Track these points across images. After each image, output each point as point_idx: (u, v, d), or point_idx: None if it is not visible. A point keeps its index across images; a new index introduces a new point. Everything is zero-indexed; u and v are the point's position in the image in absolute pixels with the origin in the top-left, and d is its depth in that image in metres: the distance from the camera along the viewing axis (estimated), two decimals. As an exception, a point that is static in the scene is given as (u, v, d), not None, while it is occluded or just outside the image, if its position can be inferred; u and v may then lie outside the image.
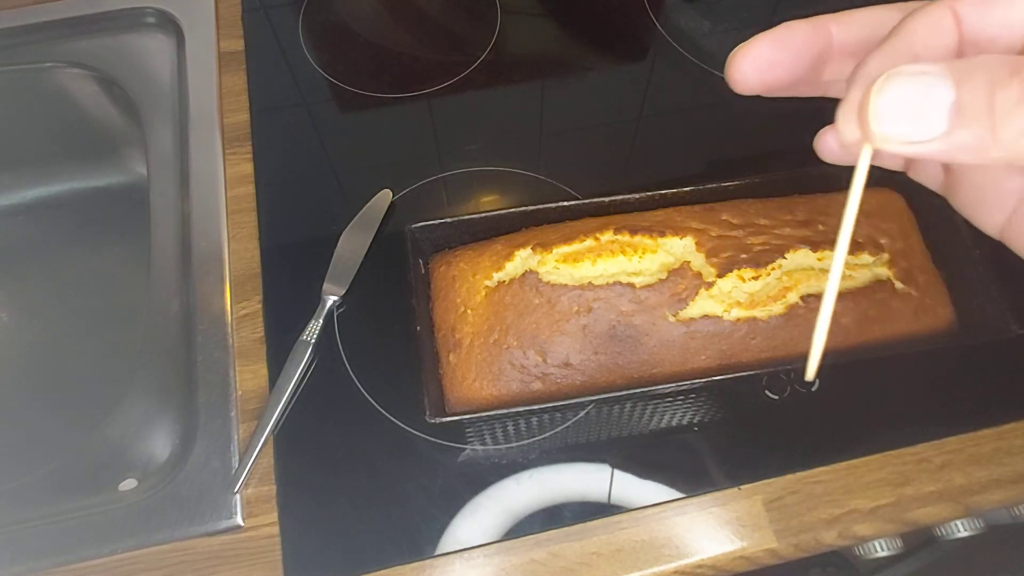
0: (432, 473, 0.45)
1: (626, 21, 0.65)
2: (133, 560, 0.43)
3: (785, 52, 0.21)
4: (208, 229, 0.54)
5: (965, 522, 0.48)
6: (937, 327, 0.45)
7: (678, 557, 0.44)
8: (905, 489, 0.45)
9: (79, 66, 0.63)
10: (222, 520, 0.44)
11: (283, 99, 0.60)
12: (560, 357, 0.43)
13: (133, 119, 0.62)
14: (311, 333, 0.48)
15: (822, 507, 0.45)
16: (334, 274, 0.51)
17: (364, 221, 0.53)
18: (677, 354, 0.43)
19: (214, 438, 0.46)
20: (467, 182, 0.56)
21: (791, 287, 0.43)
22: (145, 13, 0.64)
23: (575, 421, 0.47)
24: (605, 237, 0.44)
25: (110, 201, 0.71)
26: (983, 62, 0.17)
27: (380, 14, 0.66)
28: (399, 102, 0.60)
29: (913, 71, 0.17)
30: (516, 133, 0.59)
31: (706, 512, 0.45)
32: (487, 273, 0.45)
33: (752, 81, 0.21)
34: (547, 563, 0.43)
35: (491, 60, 0.62)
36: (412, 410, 0.47)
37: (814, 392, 0.47)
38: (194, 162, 0.57)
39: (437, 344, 0.45)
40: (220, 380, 0.48)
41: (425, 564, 0.43)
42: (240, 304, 0.51)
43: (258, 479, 0.46)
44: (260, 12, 0.65)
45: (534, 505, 0.45)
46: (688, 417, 0.47)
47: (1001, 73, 0.17)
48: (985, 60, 0.17)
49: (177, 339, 0.51)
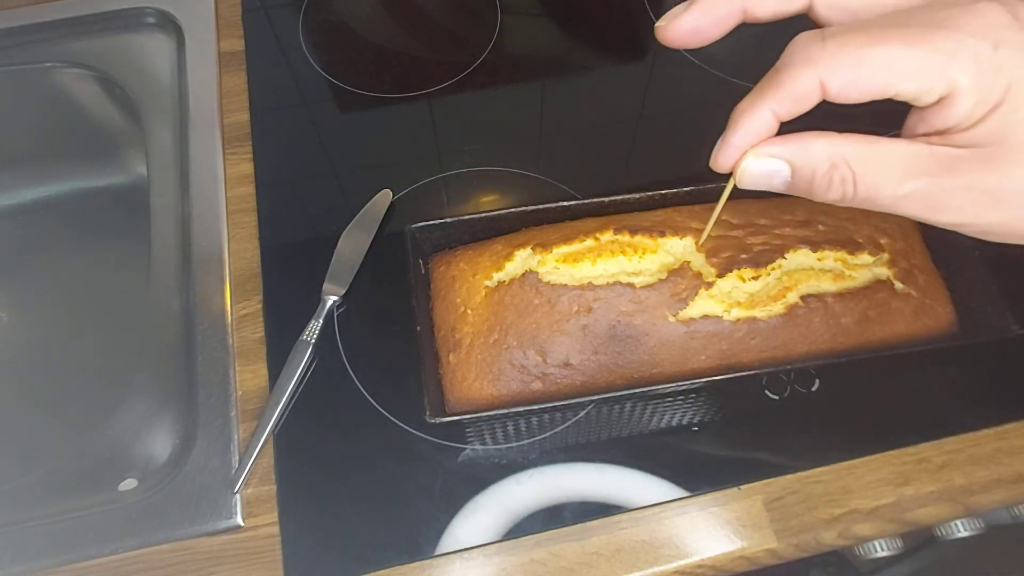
0: (432, 473, 0.45)
1: (626, 21, 0.65)
2: (133, 560, 0.43)
3: (707, 20, 0.26)
4: (208, 229, 0.54)
5: (965, 522, 0.47)
6: (937, 327, 0.45)
7: (678, 557, 0.44)
8: (905, 489, 0.45)
9: (79, 66, 0.63)
10: (222, 520, 0.44)
11: (283, 99, 0.60)
12: (560, 357, 0.43)
13: (133, 119, 0.62)
14: (311, 333, 0.48)
15: (822, 507, 0.45)
16: (334, 274, 0.51)
17: (364, 221, 0.53)
18: (677, 354, 0.43)
19: (214, 438, 0.46)
20: (467, 182, 0.56)
21: (791, 287, 0.43)
22: (145, 13, 0.64)
23: (575, 421, 0.47)
24: (605, 237, 0.44)
25: (110, 201, 0.71)
26: (813, 153, 0.25)
27: (380, 14, 0.66)
28: (399, 102, 0.60)
29: (767, 153, 0.25)
30: (516, 133, 0.59)
31: (706, 512, 0.45)
32: (487, 273, 0.45)
33: (678, 44, 0.27)
34: (547, 563, 0.43)
35: (491, 60, 0.62)
36: (412, 410, 0.47)
37: (814, 392, 0.47)
38: (194, 162, 0.57)
39: (437, 344, 0.45)
40: (220, 380, 0.48)
41: (425, 564, 0.43)
42: (240, 304, 0.51)
43: (258, 479, 0.46)
44: (260, 12, 0.65)
45: (534, 505, 0.45)
46: (688, 417, 0.47)
47: (822, 166, 0.24)
48: (814, 152, 0.25)
49: (177, 339, 0.51)
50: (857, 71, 0.23)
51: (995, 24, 0.22)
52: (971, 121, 0.23)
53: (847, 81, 0.23)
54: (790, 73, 0.24)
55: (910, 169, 0.24)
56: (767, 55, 0.25)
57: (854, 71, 0.23)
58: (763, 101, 0.24)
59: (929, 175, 0.24)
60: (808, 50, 0.24)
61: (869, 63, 0.23)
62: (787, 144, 0.25)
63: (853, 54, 0.23)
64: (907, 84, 0.23)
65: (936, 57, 0.22)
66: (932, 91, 0.23)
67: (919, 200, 0.24)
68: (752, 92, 0.25)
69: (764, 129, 0.25)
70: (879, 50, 0.23)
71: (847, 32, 0.23)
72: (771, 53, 0.25)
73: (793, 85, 0.24)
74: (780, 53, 0.25)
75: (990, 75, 0.22)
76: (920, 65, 0.22)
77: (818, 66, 0.23)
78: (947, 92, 0.23)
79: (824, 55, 0.23)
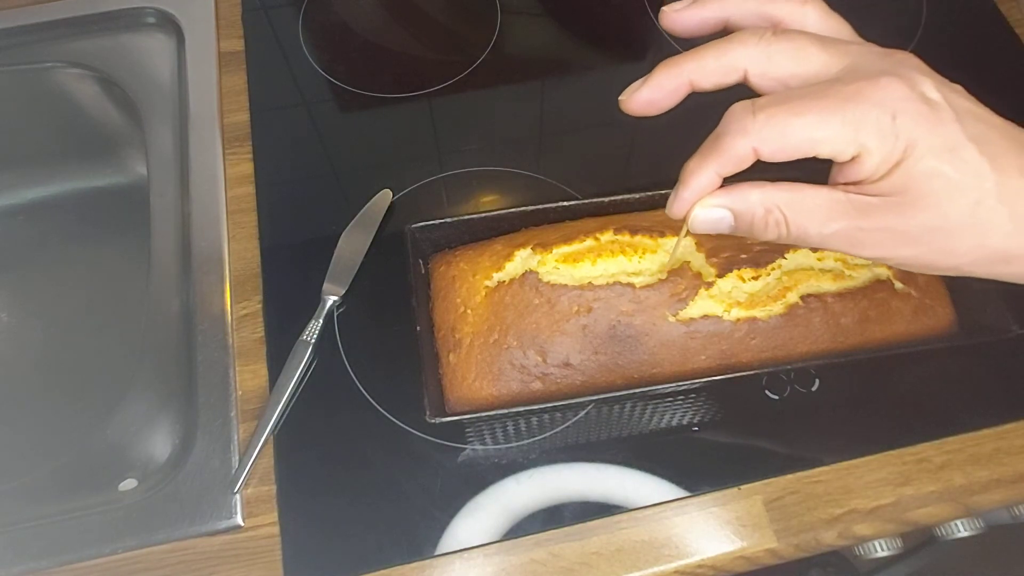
0: (432, 473, 0.45)
1: (626, 21, 0.65)
2: (133, 560, 0.43)
3: (660, 93, 0.31)
4: (208, 229, 0.54)
5: (965, 522, 0.48)
6: (937, 327, 0.45)
7: (678, 557, 0.44)
8: (905, 489, 0.45)
9: (79, 66, 0.63)
10: (222, 520, 0.44)
11: (283, 99, 0.60)
12: (560, 357, 0.43)
13: (133, 119, 0.62)
14: (311, 333, 0.48)
15: (822, 507, 0.45)
16: (334, 274, 0.51)
17: (364, 221, 0.53)
18: (677, 354, 0.43)
19: (214, 438, 0.46)
20: (467, 182, 0.56)
21: (791, 287, 0.43)
22: (145, 13, 0.63)
23: (575, 421, 0.47)
24: (605, 237, 0.44)
25: (110, 201, 0.71)
26: (750, 201, 0.29)
27: (380, 14, 0.66)
28: (399, 102, 0.60)
29: (712, 203, 0.30)
30: (516, 133, 0.59)
31: (706, 512, 0.45)
32: (487, 273, 0.45)
33: (638, 113, 0.33)
34: (547, 563, 0.43)
35: (491, 60, 0.62)
36: (412, 410, 0.47)
37: (814, 392, 0.47)
38: (194, 162, 0.57)
39: (437, 344, 0.45)
40: (220, 380, 0.48)
41: (425, 564, 0.43)
42: (240, 304, 0.51)
43: (258, 479, 0.46)
44: (260, 12, 0.65)
45: (534, 505, 0.45)
46: (688, 417, 0.47)
47: (758, 211, 0.29)
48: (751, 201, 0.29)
49: (177, 339, 0.51)
50: (783, 140, 0.27)
51: (894, 96, 0.27)
52: (878, 175, 0.28)
53: (776, 148, 0.28)
54: (727, 141, 0.28)
55: (832, 213, 0.29)
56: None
57: (780, 140, 0.27)
58: (707, 163, 0.29)
59: (848, 218, 0.28)
60: (742, 121, 0.28)
61: (792, 133, 0.27)
62: (728, 195, 0.30)
63: (779, 126, 0.27)
64: (824, 148, 0.27)
65: (847, 127, 0.27)
66: (845, 152, 0.27)
67: (842, 239, 0.29)
68: (698, 153, 0.30)
69: (709, 185, 0.30)
70: (800, 121, 0.27)
71: (774, 104, 0.28)
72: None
73: (731, 152, 0.28)
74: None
75: (890, 139, 0.27)
76: (834, 133, 0.27)
77: (750, 136, 0.28)
78: (857, 153, 0.27)
79: (755, 126, 0.28)
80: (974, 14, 0.63)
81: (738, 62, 0.30)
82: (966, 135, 0.27)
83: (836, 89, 0.28)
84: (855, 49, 0.29)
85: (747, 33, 0.30)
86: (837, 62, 0.29)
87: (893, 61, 0.29)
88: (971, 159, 0.27)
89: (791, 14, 0.31)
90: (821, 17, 0.31)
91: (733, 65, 0.30)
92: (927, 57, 0.30)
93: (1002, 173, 0.27)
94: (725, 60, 0.30)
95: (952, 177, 0.27)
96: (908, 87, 0.27)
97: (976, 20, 0.63)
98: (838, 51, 0.29)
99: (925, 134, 0.27)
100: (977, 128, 0.28)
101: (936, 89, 0.28)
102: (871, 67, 0.28)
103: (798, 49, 0.29)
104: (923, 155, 0.27)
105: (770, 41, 0.29)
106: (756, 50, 0.29)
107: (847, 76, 0.28)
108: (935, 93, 0.28)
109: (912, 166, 0.27)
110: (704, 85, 0.31)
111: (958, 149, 0.27)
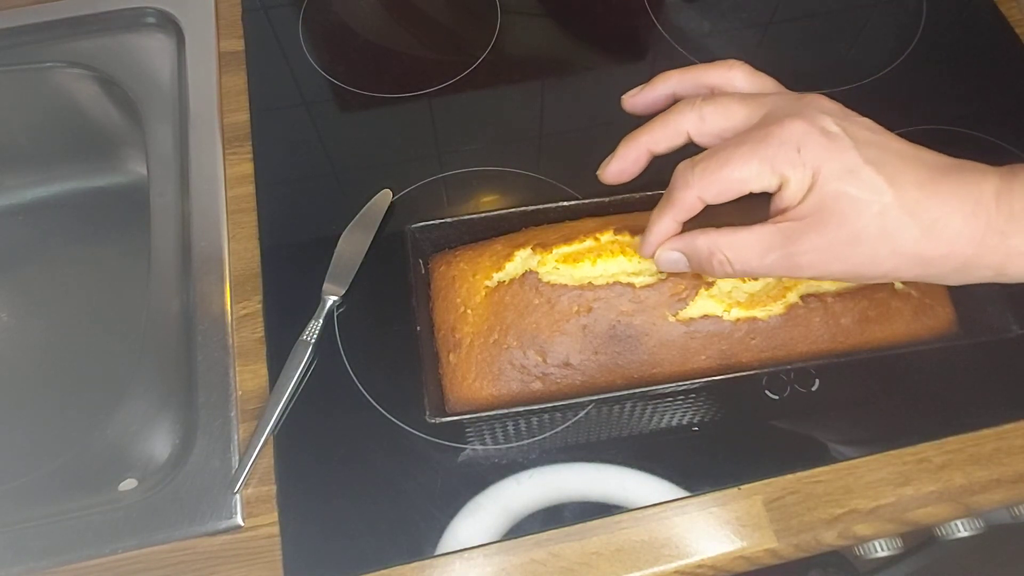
0: (432, 473, 0.45)
1: (626, 21, 0.65)
2: (133, 560, 0.44)
3: (626, 163, 0.38)
4: (208, 229, 0.54)
5: (965, 522, 0.48)
6: (937, 327, 0.45)
7: (678, 557, 0.44)
8: (905, 489, 0.45)
9: (79, 66, 0.63)
10: (222, 520, 0.44)
11: (283, 99, 0.60)
12: (560, 357, 0.43)
13: (133, 119, 0.62)
14: (311, 333, 0.49)
15: (822, 507, 0.45)
16: (334, 274, 0.51)
17: (364, 221, 0.53)
18: (677, 354, 0.43)
19: (214, 438, 0.46)
20: (467, 182, 0.57)
21: (791, 287, 0.43)
22: (145, 13, 0.63)
23: (575, 421, 0.47)
24: (605, 237, 0.44)
25: (110, 201, 0.71)
26: (697, 246, 0.36)
27: (380, 14, 0.66)
28: (399, 102, 0.60)
29: (670, 247, 0.37)
30: (516, 133, 0.59)
31: (706, 512, 0.45)
32: (487, 273, 0.45)
33: (611, 183, 0.39)
34: (547, 563, 0.43)
35: (491, 60, 0.62)
36: (412, 410, 0.47)
37: (814, 392, 0.47)
38: (194, 162, 0.57)
39: (437, 344, 0.45)
40: (220, 380, 0.48)
41: (425, 564, 0.43)
42: (240, 304, 0.51)
43: (258, 479, 0.46)
44: (260, 12, 0.65)
45: (534, 505, 0.45)
46: (688, 417, 0.47)
47: (703, 253, 0.35)
48: (698, 245, 0.36)
49: (177, 339, 0.51)
50: (719, 185, 0.34)
51: (798, 133, 0.32)
52: (798, 200, 0.33)
53: (715, 192, 0.34)
54: (677, 194, 0.35)
55: (766, 245, 0.34)
56: (765, 55, 0.28)
57: (717, 186, 0.34)
58: (665, 213, 0.36)
59: (781, 247, 0.34)
60: (685, 176, 0.34)
61: (724, 177, 0.33)
62: (682, 240, 0.36)
63: (712, 174, 0.33)
64: (754, 184, 0.33)
65: (764, 164, 0.33)
66: (771, 184, 0.33)
67: (781, 265, 0.34)
68: (659, 205, 0.36)
69: (668, 231, 0.37)
70: (728, 167, 0.33)
71: (706, 158, 0.34)
72: (767, 52, 0.27)
73: (681, 202, 0.35)
74: (771, 52, 0.32)
75: (800, 168, 0.32)
76: (755, 171, 0.33)
77: (693, 188, 0.34)
78: (780, 184, 0.33)
79: (694, 179, 0.34)
80: (974, 14, 0.63)
81: (680, 127, 0.36)
82: (863, 159, 0.32)
83: (751, 135, 0.33)
84: (771, 99, 0.35)
85: (683, 103, 0.36)
86: (757, 112, 0.34)
87: (802, 104, 0.34)
88: (869, 178, 0.32)
89: (721, 78, 0.38)
90: (746, 77, 0.37)
91: (677, 130, 0.36)
92: (927, 57, 0.31)
93: (899, 188, 0.32)
94: (670, 128, 0.36)
95: (854, 195, 0.32)
96: (809, 123, 0.32)
97: (976, 20, 0.63)
98: (757, 103, 0.35)
99: (827, 161, 0.32)
100: (872, 152, 0.32)
101: (835, 123, 0.33)
102: (782, 112, 0.33)
103: (724, 108, 0.35)
104: (828, 179, 0.32)
105: (701, 106, 0.35)
106: (692, 115, 0.36)
107: (762, 122, 0.34)
108: (834, 127, 0.33)
109: (821, 188, 0.32)
110: (659, 150, 0.37)
111: (857, 171, 0.32)
